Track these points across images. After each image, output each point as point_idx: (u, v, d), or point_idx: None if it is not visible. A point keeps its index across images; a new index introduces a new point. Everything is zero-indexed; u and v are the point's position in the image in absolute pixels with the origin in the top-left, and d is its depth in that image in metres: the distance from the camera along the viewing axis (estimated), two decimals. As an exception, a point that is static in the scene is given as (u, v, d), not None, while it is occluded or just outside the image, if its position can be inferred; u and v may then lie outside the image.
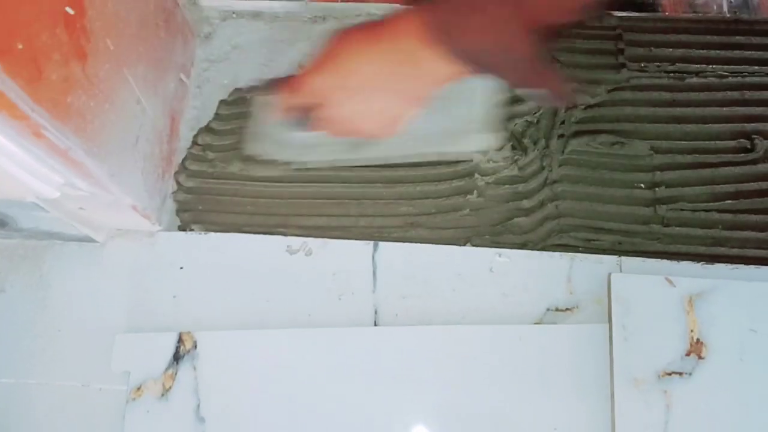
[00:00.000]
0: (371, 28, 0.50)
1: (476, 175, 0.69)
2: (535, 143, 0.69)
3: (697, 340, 0.60)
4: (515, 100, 0.69)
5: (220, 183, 0.71)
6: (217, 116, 0.73)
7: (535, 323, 0.64)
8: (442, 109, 0.57)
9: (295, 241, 0.68)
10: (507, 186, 0.69)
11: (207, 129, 0.73)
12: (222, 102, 0.74)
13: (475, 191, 0.69)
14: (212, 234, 0.68)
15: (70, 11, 0.48)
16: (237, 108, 0.73)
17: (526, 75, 0.47)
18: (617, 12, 0.74)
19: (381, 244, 0.67)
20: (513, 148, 0.69)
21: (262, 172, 0.69)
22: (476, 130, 0.62)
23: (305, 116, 0.55)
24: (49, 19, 0.46)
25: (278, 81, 0.57)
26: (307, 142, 0.63)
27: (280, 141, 0.65)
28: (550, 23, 0.45)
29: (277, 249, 0.67)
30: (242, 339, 0.63)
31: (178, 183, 0.70)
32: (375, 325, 0.65)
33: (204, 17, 0.78)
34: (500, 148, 0.68)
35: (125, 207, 0.62)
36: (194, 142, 0.72)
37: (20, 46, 0.43)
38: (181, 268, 0.67)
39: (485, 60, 0.46)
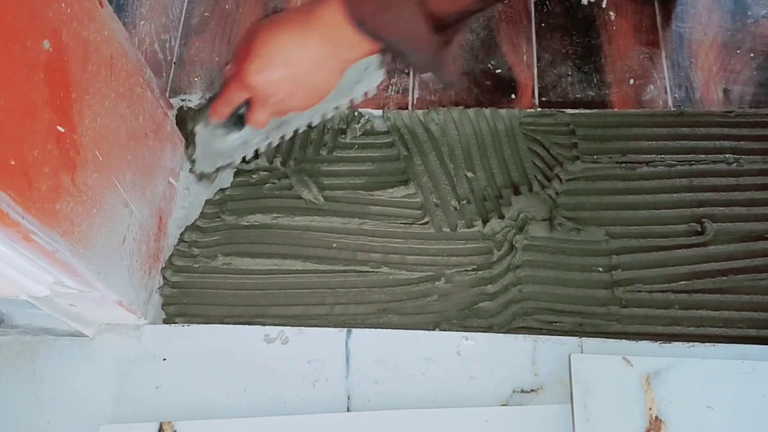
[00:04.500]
0: (295, 16, 0.60)
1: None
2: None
3: (656, 417, 0.62)
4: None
5: (204, 277, 0.75)
6: (203, 215, 0.79)
7: (502, 405, 0.67)
8: None
9: (273, 330, 0.71)
10: (472, 272, 0.73)
11: (193, 227, 0.78)
12: (208, 201, 0.80)
13: (442, 278, 0.73)
14: (194, 326, 0.72)
15: (62, 129, 0.55)
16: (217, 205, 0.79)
17: (426, 62, 0.58)
18: (569, 109, 0.80)
19: (354, 330, 0.71)
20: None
21: None
22: (369, 72, 0.67)
23: (236, 115, 0.66)
24: (42, 137, 0.52)
25: (211, 98, 0.68)
26: (243, 139, 0.71)
27: (220, 150, 0.72)
28: (449, 14, 0.56)
29: (255, 338, 0.71)
30: (220, 428, 0.66)
31: (164, 278, 0.75)
32: (348, 410, 0.67)
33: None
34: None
35: (111, 303, 0.66)
36: (181, 240, 0.77)
37: (13, 162, 0.48)
38: (165, 359, 0.70)
39: (393, 47, 0.57)
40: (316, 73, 0.60)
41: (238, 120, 0.68)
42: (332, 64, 0.60)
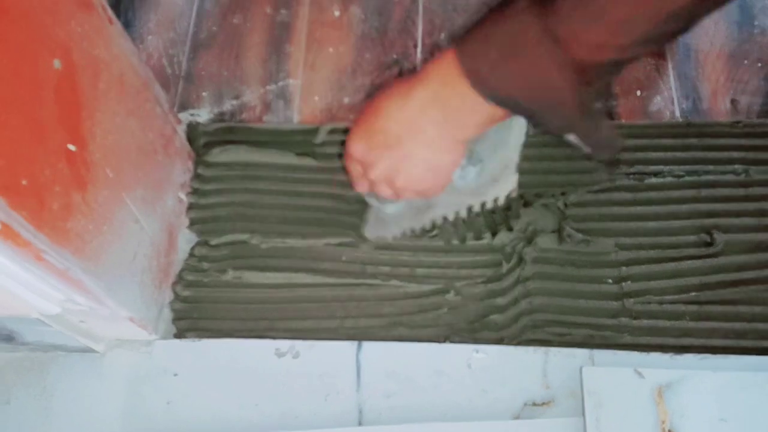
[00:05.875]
0: (403, 79, 0.51)
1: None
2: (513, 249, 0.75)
3: (669, 431, 0.62)
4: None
5: (215, 291, 0.75)
6: (213, 229, 0.79)
7: (514, 418, 0.66)
8: (480, 154, 0.58)
9: (284, 344, 0.71)
10: (482, 285, 0.73)
11: (203, 241, 0.78)
12: (216, 215, 0.80)
13: (452, 291, 0.73)
14: (205, 340, 0.72)
15: (72, 148, 0.55)
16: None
17: (570, 122, 0.46)
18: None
19: (365, 343, 0.71)
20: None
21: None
22: (511, 171, 0.62)
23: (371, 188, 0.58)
24: (53, 156, 0.53)
25: None
26: (395, 213, 0.69)
27: (382, 219, 0.71)
28: (596, 64, 0.42)
29: (266, 352, 0.71)
30: (231, 442, 0.66)
31: (175, 293, 0.75)
32: (360, 424, 0.67)
33: (201, 139, 0.85)
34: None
35: (122, 319, 0.66)
36: (191, 254, 0.78)
37: (24, 182, 0.49)
38: (176, 374, 0.70)
39: (524, 106, 0.45)
40: (426, 146, 0.50)
41: None
42: (444, 135, 0.49)
